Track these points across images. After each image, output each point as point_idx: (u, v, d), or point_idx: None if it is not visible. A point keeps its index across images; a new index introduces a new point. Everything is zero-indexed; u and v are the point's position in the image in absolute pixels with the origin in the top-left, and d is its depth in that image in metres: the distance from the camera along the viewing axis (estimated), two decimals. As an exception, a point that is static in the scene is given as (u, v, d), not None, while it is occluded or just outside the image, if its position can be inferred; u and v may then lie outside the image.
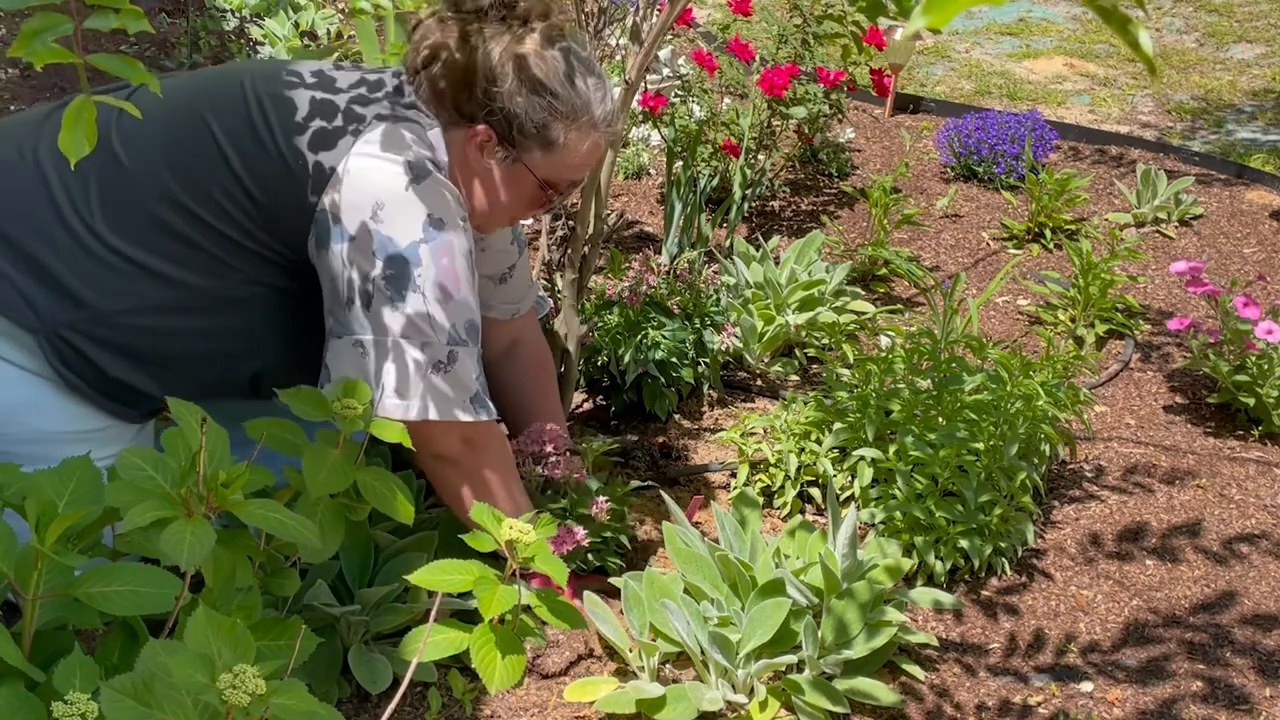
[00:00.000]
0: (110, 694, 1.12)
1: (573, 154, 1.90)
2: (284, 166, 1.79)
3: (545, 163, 1.89)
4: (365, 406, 1.67)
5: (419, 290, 1.77)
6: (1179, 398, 2.95)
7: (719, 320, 2.79)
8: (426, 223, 1.77)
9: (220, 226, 1.79)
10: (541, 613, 1.60)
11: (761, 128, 3.60)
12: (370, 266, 1.75)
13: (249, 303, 1.85)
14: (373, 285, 1.76)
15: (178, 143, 1.80)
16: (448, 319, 1.80)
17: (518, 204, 1.94)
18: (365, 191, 1.76)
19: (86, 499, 1.41)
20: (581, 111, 1.86)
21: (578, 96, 1.85)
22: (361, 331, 1.78)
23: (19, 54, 1.02)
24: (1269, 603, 2.27)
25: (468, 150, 1.87)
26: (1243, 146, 4.58)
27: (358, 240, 1.75)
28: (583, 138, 1.89)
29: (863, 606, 1.96)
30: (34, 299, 1.74)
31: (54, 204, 1.76)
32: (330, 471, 1.63)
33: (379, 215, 1.75)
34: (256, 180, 1.78)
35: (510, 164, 1.88)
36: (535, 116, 1.83)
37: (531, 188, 1.92)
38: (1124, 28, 0.82)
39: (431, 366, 1.80)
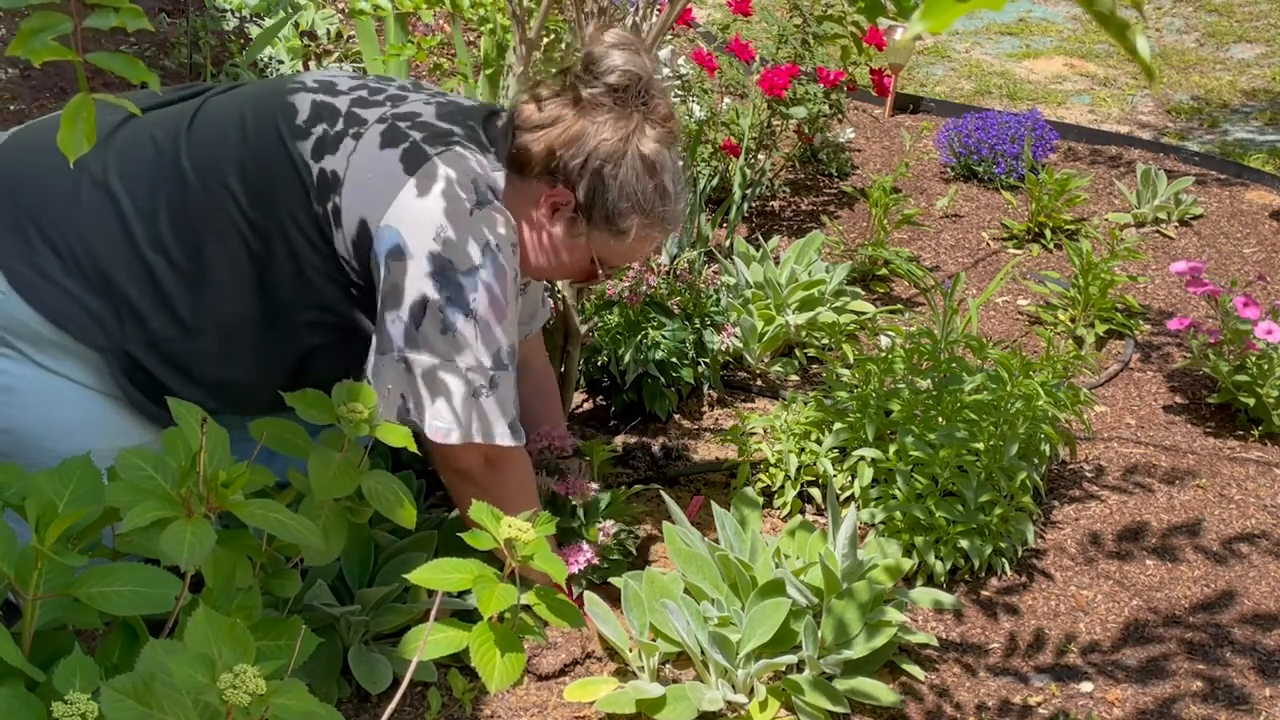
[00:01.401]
0: (110, 694, 1.12)
1: (634, 246, 1.94)
2: (354, 179, 1.79)
3: (607, 245, 1.92)
4: (370, 410, 1.67)
5: (472, 316, 1.79)
6: (1179, 398, 2.95)
7: (719, 320, 2.79)
8: (485, 249, 1.79)
9: (287, 245, 1.79)
10: (541, 611, 1.60)
11: (761, 128, 3.60)
12: (427, 288, 1.77)
13: (310, 328, 1.86)
14: (427, 306, 1.77)
15: (253, 162, 1.80)
16: (495, 345, 1.82)
17: (565, 269, 1.98)
18: (431, 214, 1.77)
19: (86, 499, 1.41)
20: (659, 215, 1.91)
21: (663, 202, 1.89)
22: (409, 350, 1.79)
23: (17, 52, 1.02)
24: (1269, 602, 2.27)
25: (540, 204, 1.88)
26: (1242, 146, 4.58)
27: (417, 260, 1.76)
28: (650, 235, 1.93)
29: (863, 606, 1.96)
30: (102, 318, 1.75)
31: (125, 225, 1.76)
32: (335, 475, 1.63)
33: (442, 238, 1.76)
34: (324, 198, 1.79)
35: (574, 234, 1.90)
36: (621, 205, 1.86)
37: (583, 261, 1.95)
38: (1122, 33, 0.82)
39: (474, 391, 1.82)
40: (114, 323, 1.76)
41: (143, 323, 1.77)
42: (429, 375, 1.79)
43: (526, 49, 2.19)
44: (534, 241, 1.92)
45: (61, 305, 1.74)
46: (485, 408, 1.83)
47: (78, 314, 1.75)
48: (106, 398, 1.79)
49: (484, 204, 1.80)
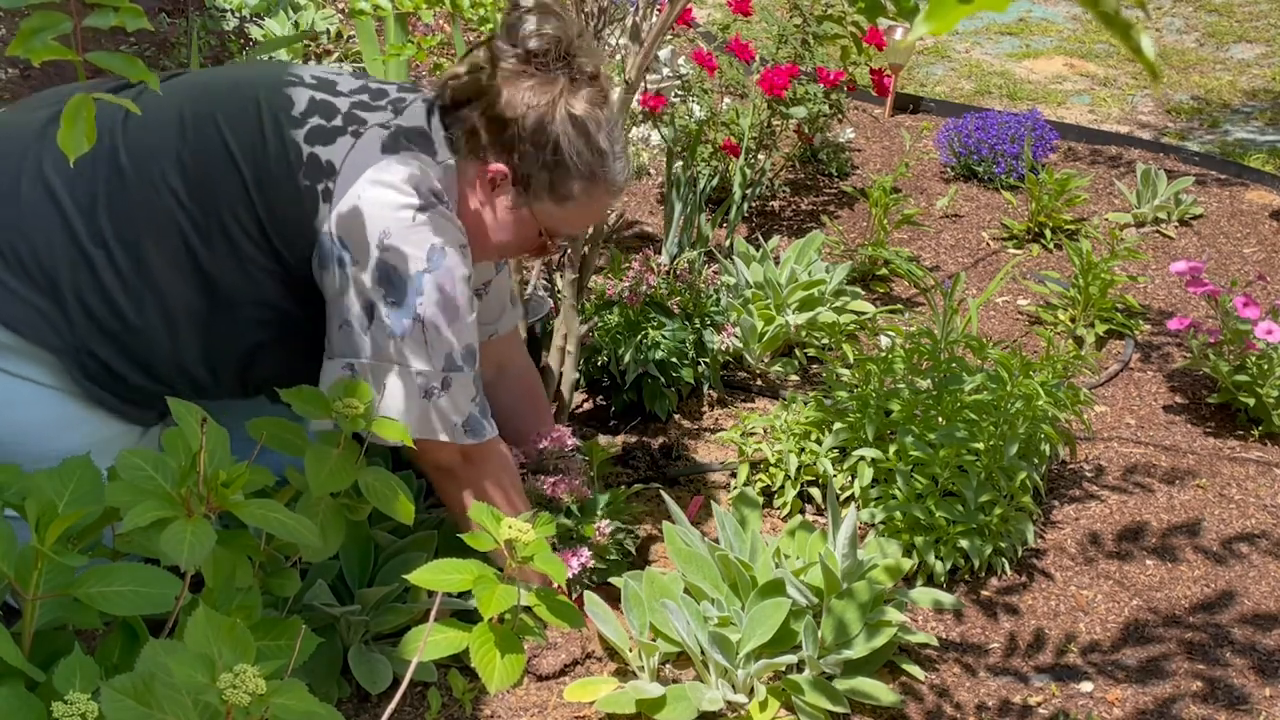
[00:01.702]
0: (110, 694, 1.12)
1: (581, 211, 1.92)
2: (294, 190, 1.78)
3: (553, 214, 1.90)
4: (366, 406, 1.67)
5: (419, 319, 1.78)
6: (1179, 398, 2.95)
7: (719, 320, 2.79)
8: (430, 251, 1.78)
9: (228, 242, 1.78)
10: (541, 612, 1.60)
11: (761, 128, 3.60)
12: (372, 292, 1.76)
13: (254, 324, 1.84)
14: (374, 312, 1.77)
15: (192, 157, 1.78)
16: (444, 346, 1.81)
17: (513, 246, 1.96)
18: (373, 219, 1.75)
19: (86, 499, 1.41)
20: (602, 176, 1.88)
21: (603, 162, 1.87)
22: (355, 355, 1.79)
23: (17, 52, 1.02)
24: (1269, 602, 2.27)
25: (478, 183, 1.87)
26: (1242, 146, 4.58)
27: (362, 266, 1.76)
28: (595, 199, 1.91)
29: (863, 606, 1.96)
30: (52, 317, 1.74)
31: (66, 222, 1.74)
32: (332, 471, 1.63)
33: (385, 243, 1.75)
34: (265, 200, 1.78)
35: (517, 207, 1.88)
36: (559, 172, 1.84)
37: (531, 234, 1.93)
38: (1126, 33, 0.82)
39: (424, 392, 1.81)
40: (63, 321, 1.74)
41: (92, 318, 1.75)
42: (378, 378, 1.79)
43: (526, 49, 2.19)
44: (478, 221, 1.89)
45: (10, 307, 1.72)
46: (440, 408, 1.83)
47: (28, 315, 1.72)
48: (67, 395, 1.77)
49: (428, 208, 1.78)
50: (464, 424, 1.86)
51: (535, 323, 2.66)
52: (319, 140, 1.80)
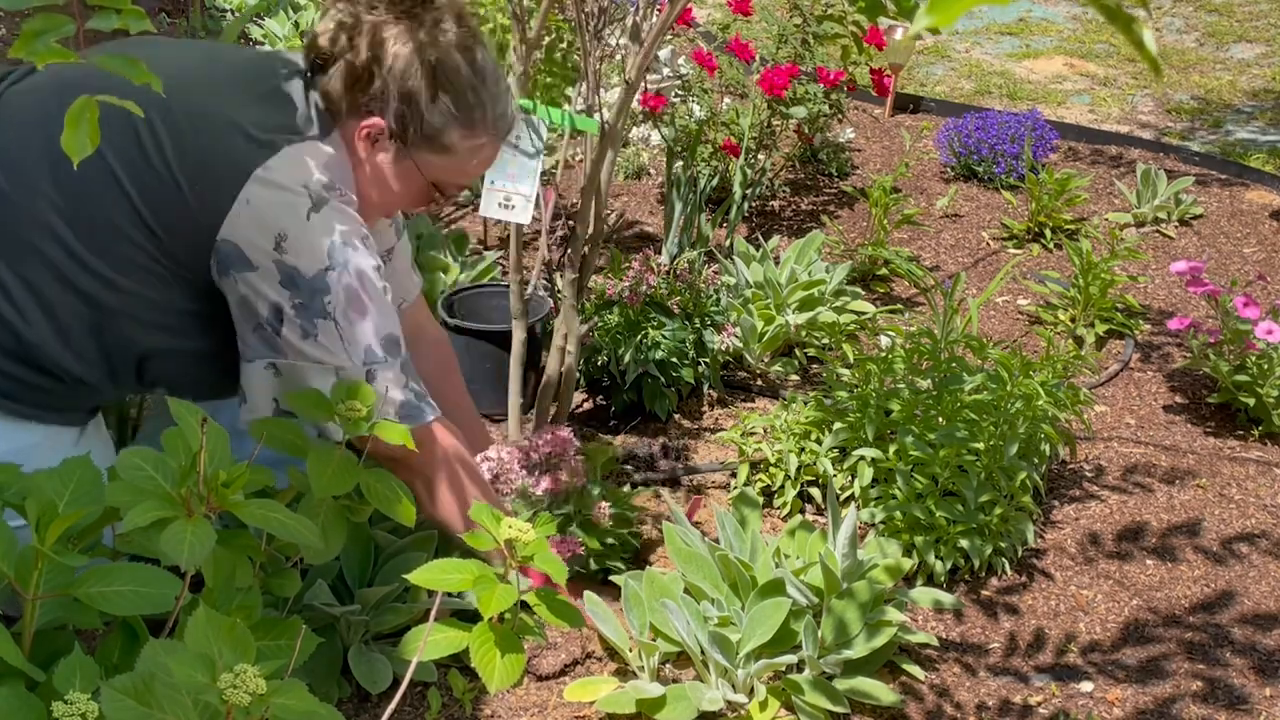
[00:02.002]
0: (110, 694, 1.12)
1: (464, 160, 1.87)
2: (181, 198, 1.70)
3: (436, 164, 1.85)
4: (369, 408, 1.67)
5: (330, 317, 1.74)
6: (1179, 398, 2.95)
7: (719, 320, 2.79)
8: (331, 247, 1.73)
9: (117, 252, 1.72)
10: (541, 612, 1.60)
11: (761, 128, 3.60)
12: (279, 297, 1.72)
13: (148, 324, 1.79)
14: (283, 315, 1.73)
15: (66, 166, 1.64)
16: (362, 340, 1.78)
17: (403, 199, 1.91)
18: (268, 222, 1.71)
19: (86, 499, 1.41)
20: (479, 121, 1.83)
21: (478, 106, 1.82)
22: (273, 355, 1.76)
23: (20, 54, 1.02)
24: (1268, 602, 2.28)
25: (357, 141, 1.81)
26: (1242, 146, 4.58)
27: (263, 271, 1.71)
28: (476, 146, 1.86)
29: (863, 606, 1.96)
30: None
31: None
32: (335, 472, 1.63)
33: (283, 246, 1.71)
34: (152, 209, 1.71)
35: (399, 160, 1.84)
36: (433, 119, 1.80)
37: (419, 185, 1.88)
38: (1128, 28, 0.82)
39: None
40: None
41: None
42: (300, 378, 1.75)
43: (526, 49, 2.19)
44: (363, 179, 1.84)
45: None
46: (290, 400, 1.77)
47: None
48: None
49: (321, 204, 1.73)
50: (397, 412, 1.82)
51: (535, 323, 2.66)
52: (202, 142, 1.73)
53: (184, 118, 1.73)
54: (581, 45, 2.26)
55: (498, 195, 2.21)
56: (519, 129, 2.15)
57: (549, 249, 2.66)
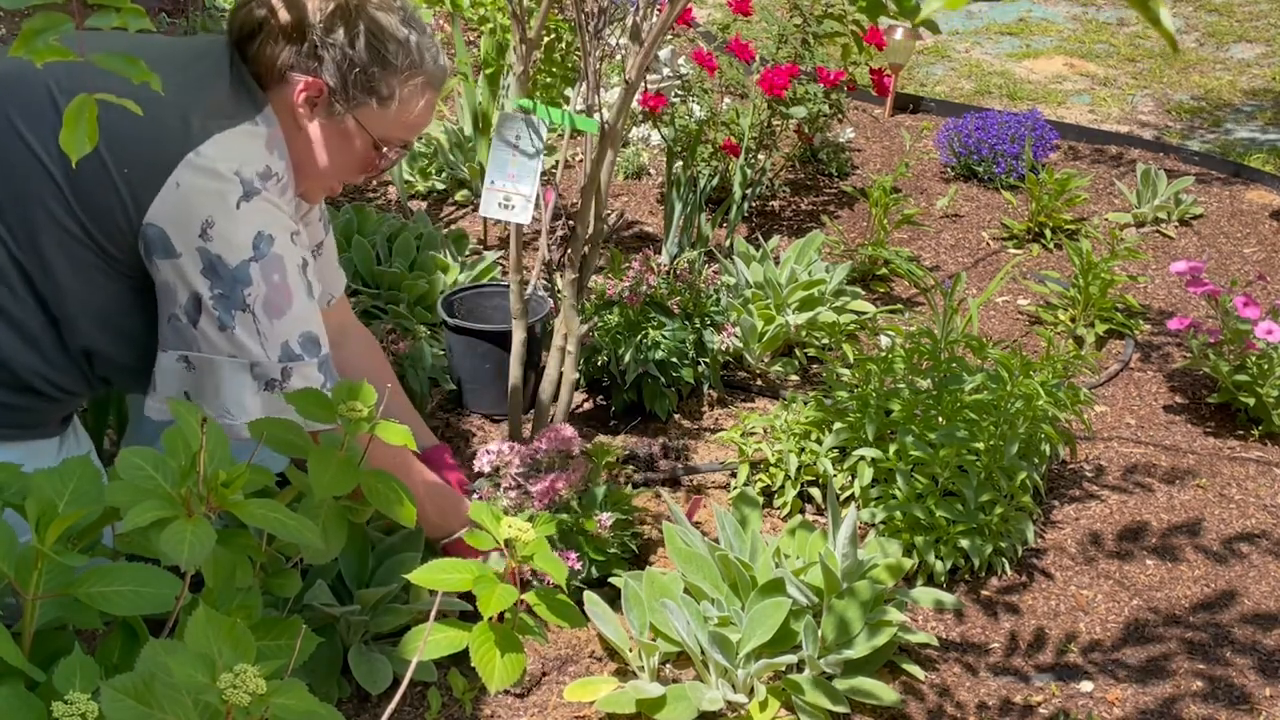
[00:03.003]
0: (110, 694, 1.12)
1: (407, 110, 1.84)
2: (106, 175, 1.67)
3: (379, 118, 1.82)
4: (371, 408, 1.66)
5: (249, 310, 1.72)
6: (1179, 398, 2.95)
7: (719, 320, 2.79)
8: (257, 239, 1.71)
9: (55, 244, 1.69)
10: (541, 612, 1.60)
11: (761, 128, 3.60)
12: (200, 285, 1.69)
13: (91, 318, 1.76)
14: (201, 305, 1.70)
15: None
16: (280, 336, 1.75)
17: (347, 166, 1.87)
18: (195, 208, 1.68)
19: (86, 499, 1.41)
20: (417, 65, 1.81)
21: (414, 50, 1.80)
22: (188, 347, 1.73)
23: (20, 53, 1.02)
24: (1269, 602, 2.27)
25: (295, 107, 1.78)
26: (1242, 146, 4.58)
27: (186, 258, 1.68)
28: (417, 93, 1.83)
29: (863, 606, 1.96)
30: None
31: None
32: (336, 473, 1.63)
33: (209, 234, 1.68)
34: (81, 200, 1.68)
35: (340, 120, 1.81)
36: (371, 68, 1.77)
37: (363, 146, 1.85)
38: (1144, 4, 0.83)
39: (267, 385, 1.75)
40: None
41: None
42: (214, 372, 1.73)
43: (526, 49, 2.19)
44: (303, 149, 1.81)
45: None
46: (277, 400, 1.76)
47: None
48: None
49: (251, 194, 1.70)
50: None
51: (535, 323, 2.66)
52: (129, 125, 1.63)
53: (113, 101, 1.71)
54: (581, 45, 2.26)
55: (498, 195, 2.21)
56: (519, 129, 2.15)
57: (549, 249, 2.66)
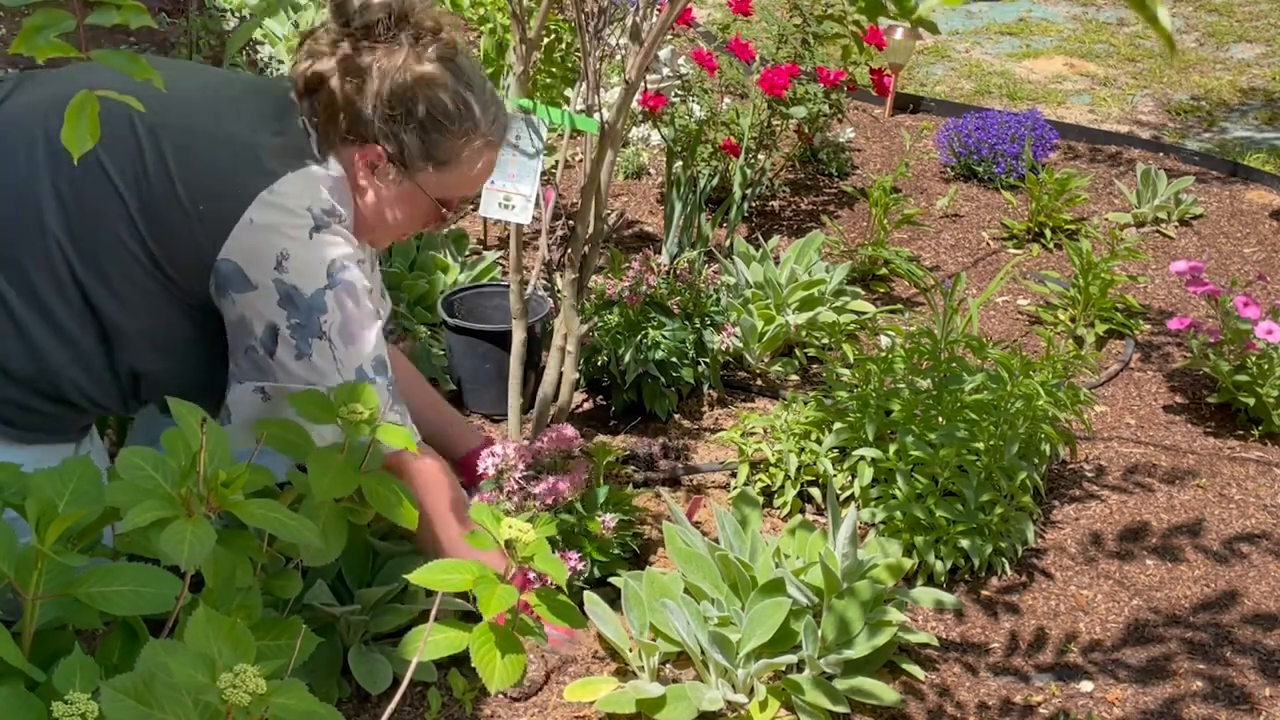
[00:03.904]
0: (110, 694, 1.12)
1: (466, 172, 1.86)
2: (183, 216, 1.70)
3: (438, 181, 1.85)
4: (372, 411, 1.66)
5: (325, 337, 1.75)
6: (1179, 398, 2.95)
7: (719, 320, 2.79)
8: (331, 267, 1.74)
9: (116, 272, 1.71)
10: (542, 612, 1.59)
11: (761, 128, 3.60)
12: (276, 316, 1.73)
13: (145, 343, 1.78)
14: (279, 334, 1.73)
15: (68, 186, 1.69)
16: (354, 362, 1.78)
17: (410, 222, 1.90)
18: (270, 242, 1.71)
19: (86, 499, 1.41)
20: (474, 130, 1.82)
21: (473, 115, 1.81)
22: (264, 378, 1.76)
23: (21, 50, 1.02)
24: (1269, 602, 2.27)
25: (358, 169, 1.81)
26: (1242, 145, 4.58)
27: (262, 290, 1.72)
28: (476, 155, 1.85)
29: (863, 606, 1.96)
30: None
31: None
32: (336, 475, 1.63)
33: (284, 265, 1.71)
34: (153, 228, 1.70)
35: (401, 184, 1.83)
36: (428, 137, 1.79)
37: (425, 206, 1.88)
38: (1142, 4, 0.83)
39: None
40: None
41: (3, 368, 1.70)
42: (285, 401, 1.74)
43: (526, 49, 2.19)
44: (366, 206, 1.84)
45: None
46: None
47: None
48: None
49: (322, 226, 1.74)
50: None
51: (535, 323, 2.66)
52: (206, 161, 1.72)
53: (188, 135, 1.73)
54: (581, 45, 2.26)
55: (498, 195, 2.21)
56: (519, 129, 2.15)
57: (549, 249, 2.66)
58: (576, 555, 2.05)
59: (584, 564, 2.07)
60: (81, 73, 1.74)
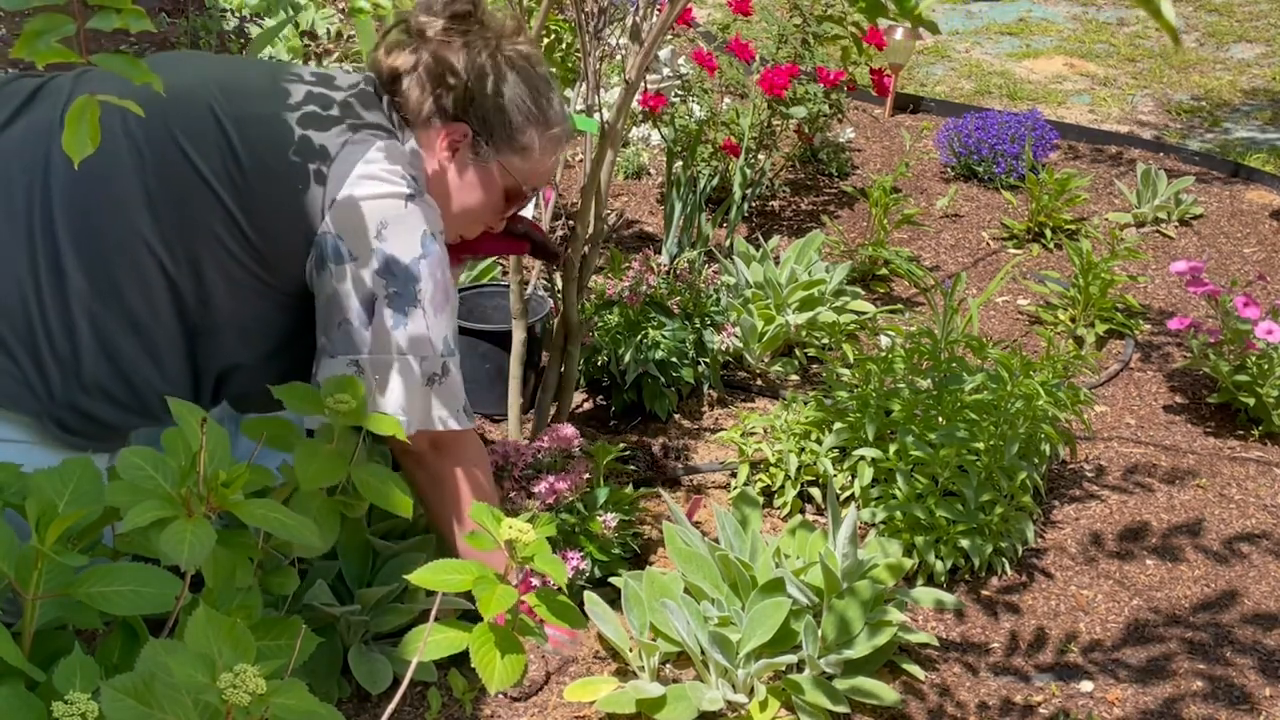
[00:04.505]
0: (110, 694, 1.12)
1: (541, 158, 1.91)
2: (279, 197, 1.74)
3: (516, 167, 1.89)
4: (359, 402, 1.66)
5: (420, 305, 1.78)
6: (1179, 398, 2.95)
7: (719, 320, 2.79)
8: (424, 237, 1.77)
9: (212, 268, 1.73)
10: (542, 612, 1.59)
11: (761, 128, 3.60)
12: (375, 284, 1.75)
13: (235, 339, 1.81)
14: (376, 305, 1.76)
15: (158, 183, 1.71)
16: (442, 331, 1.81)
17: (481, 209, 1.93)
18: (371, 212, 1.75)
19: (86, 499, 1.41)
20: (555, 120, 1.90)
21: (551, 105, 1.89)
22: (358, 350, 1.77)
23: (21, 54, 1.02)
24: (1269, 602, 2.27)
25: (438, 151, 1.86)
26: (1242, 145, 4.58)
27: (362, 259, 1.75)
28: (550, 147, 1.91)
29: (863, 606, 1.96)
30: (35, 385, 1.68)
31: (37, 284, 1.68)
32: (322, 465, 1.63)
33: (383, 234, 1.75)
34: (251, 217, 1.73)
35: (483, 164, 1.88)
36: (515, 119, 1.85)
37: (495, 194, 1.91)
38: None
39: (428, 379, 1.80)
40: (42, 385, 1.68)
41: (78, 377, 1.70)
42: (383, 371, 1.77)
43: (527, 49, 2.19)
44: (443, 189, 1.88)
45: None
46: (438, 395, 1.82)
47: (4, 384, 1.67)
48: (34, 445, 1.70)
49: (416, 196, 1.78)
50: (462, 409, 1.86)
51: (535, 323, 2.66)
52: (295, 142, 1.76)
53: (274, 122, 1.77)
54: (581, 45, 2.26)
55: (498, 195, 2.20)
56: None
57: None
58: (577, 555, 2.06)
59: (585, 564, 2.08)
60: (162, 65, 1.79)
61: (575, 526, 2.12)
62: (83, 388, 1.71)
